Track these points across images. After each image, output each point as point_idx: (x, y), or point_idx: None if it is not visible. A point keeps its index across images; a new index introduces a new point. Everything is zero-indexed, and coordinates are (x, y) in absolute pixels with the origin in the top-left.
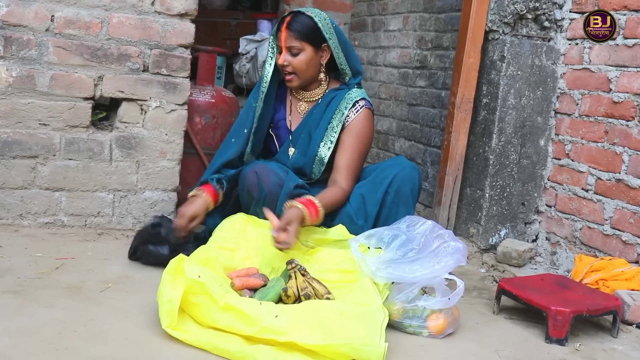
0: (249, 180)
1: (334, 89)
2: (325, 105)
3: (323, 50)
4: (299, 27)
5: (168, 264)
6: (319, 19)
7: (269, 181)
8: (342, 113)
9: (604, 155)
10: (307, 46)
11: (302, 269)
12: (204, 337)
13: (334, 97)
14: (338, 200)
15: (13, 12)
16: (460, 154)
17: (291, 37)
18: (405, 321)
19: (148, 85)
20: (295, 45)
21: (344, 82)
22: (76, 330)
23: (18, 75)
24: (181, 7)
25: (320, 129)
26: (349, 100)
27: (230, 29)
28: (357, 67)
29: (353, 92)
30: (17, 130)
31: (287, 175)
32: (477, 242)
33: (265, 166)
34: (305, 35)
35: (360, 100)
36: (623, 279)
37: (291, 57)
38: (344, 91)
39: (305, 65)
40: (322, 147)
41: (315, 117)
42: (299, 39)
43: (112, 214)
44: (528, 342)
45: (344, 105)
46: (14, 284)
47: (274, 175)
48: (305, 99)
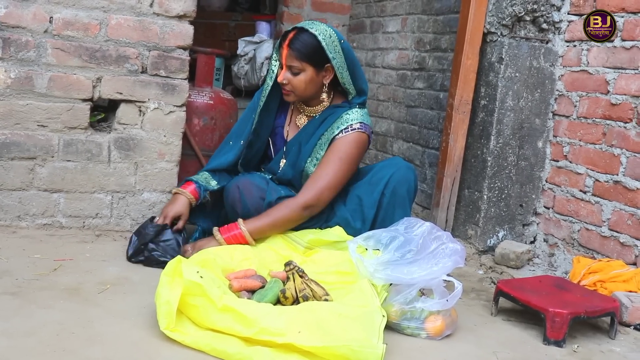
0: (232, 196)
1: (334, 105)
2: (320, 121)
3: (326, 70)
4: (300, 47)
5: (166, 266)
6: (324, 37)
7: (251, 196)
8: (333, 132)
9: (601, 157)
10: (308, 67)
11: (300, 270)
12: (202, 339)
13: (330, 115)
14: (287, 219)
15: (11, 14)
16: (459, 155)
17: (292, 57)
18: (403, 323)
19: (146, 86)
20: (295, 65)
21: (347, 99)
22: (74, 332)
23: (16, 76)
24: (180, 8)
25: (310, 144)
26: (344, 121)
27: (228, 30)
28: (362, 86)
29: (352, 113)
30: (15, 132)
31: (268, 187)
32: (475, 244)
33: (247, 180)
34: (307, 55)
35: (355, 124)
36: (621, 281)
37: (291, 76)
38: (342, 109)
39: (304, 85)
40: (309, 163)
41: (308, 131)
42: (300, 59)
43: (110, 215)
44: (526, 343)
45: (336, 125)
46: (12, 286)
47: (256, 189)
48: (306, 112)
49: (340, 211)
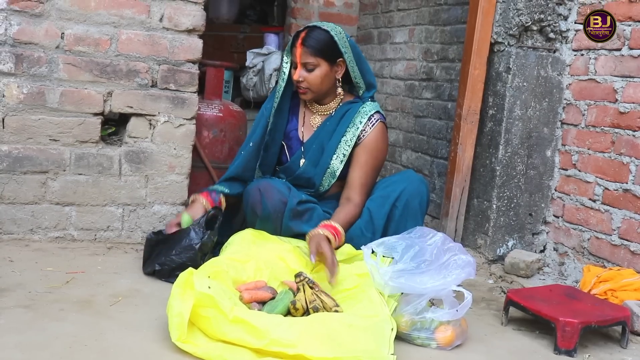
0: (253, 198)
1: (348, 102)
2: (339, 118)
3: (338, 65)
4: (314, 43)
5: (177, 278)
6: (335, 32)
7: (272, 199)
8: (357, 127)
9: (610, 166)
10: (323, 62)
11: (310, 281)
12: (214, 350)
13: (348, 110)
14: (353, 217)
15: (24, 30)
16: (467, 165)
17: (306, 53)
18: (413, 333)
19: (156, 100)
20: (310, 62)
21: (357, 95)
22: (87, 344)
23: (29, 92)
24: (189, 23)
25: (334, 141)
26: (364, 114)
27: (237, 42)
28: (371, 80)
29: (367, 105)
30: (27, 146)
31: (290, 192)
32: (485, 253)
33: (268, 183)
34: (321, 51)
35: (375, 113)
36: (632, 289)
37: (306, 73)
38: (358, 104)
39: (320, 80)
40: (335, 159)
41: (328, 129)
42: (314, 55)
43: (121, 227)
44: (537, 353)
45: (358, 119)
46: (25, 299)
47: (277, 193)
48: (319, 112)
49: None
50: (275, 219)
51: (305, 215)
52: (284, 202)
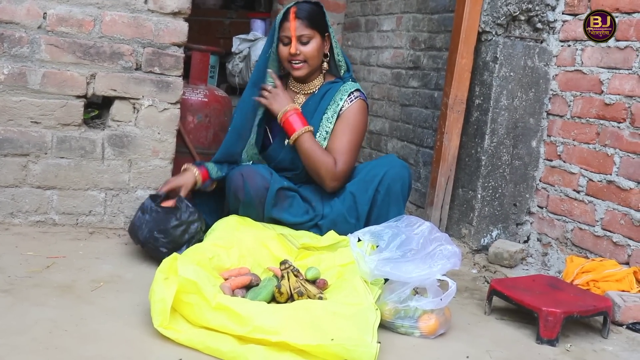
0: (235, 182)
1: (329, 81)
2: (321, 96)
3: (326, 39)
4: (307, 15)
5: (161, 263)
6: (322, 5)
7: (255, 184)
8: (337, 104)
9: (595, 157)
10: (316, 34)
11: (295, 270)
12: (196, 337)
13: (329, 89)
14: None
15: (5, 9)
16: (453, 154)
17: (302, 26)
18: (397, 321)
19: (141, 83)
20: (305, 34)
21: (338, 75)
22: (67, 330)
23: (10, 72)
24: (174, 5)
25: (315, 119)
26: (344, 91)
27: (223, 28)
28: (347, 61)
29: (348, 84)
30: (8, 128)
31: (272, 177)
32: (469, 243)
33: (251, 169)
34: (315, 22)
35: (355, 91)
36: (614, 280)
37: (302, 46)
38: (338, 84)
39: (316, 52)
40: (318, 137)
41: (310, 108)
42: (309, 26)
43: (103, 212)
44: (519, 342)
45: (339, 97)
46: (4, 283)
47: (260, 178)
48: (303, 91)
49: (337, 207)
50: (257, 204)
51: (285, 201)
52: (266, 188)
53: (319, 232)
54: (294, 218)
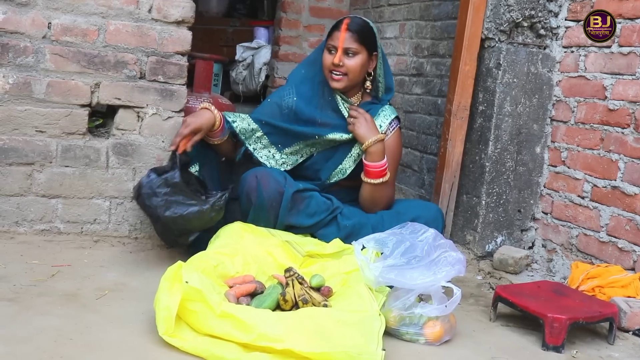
0: (249, 184)
1: (367, 101)
2: None
3: (373, 58)
4: (358, 29)
5: (166, 271)
6: (373, 26)
7: (269, 187)
8: (380, 127)
9: (599, 163)
10: (363, 50)
11: (299, 277)
12: (201, 345)
13: (368, 110)
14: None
15: (10, 20)
16: (457, 161)
17: (351, 39)
18: (402, 328)
19: (145, 92)
20: (353, 47)
21: (376, 96)
22: (72, 338)
23: (15, 82)
24: (178, 14)
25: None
26: (384, 117)
27: (226, 36)
28: (391, 83)
29: (387, 109)
30: (13, 137)
31: (286, 182)
32: (474, 249)
33: (265, 172)
34: (364, 39)
35: (395, 119)
36: (619, 286)
37: (346, 59)
38: (377, 106)
39: (359, 68)
40: (348, 158)
41: None
42: (358, 41)
43: (108, 221)
44: (525, 349)
45: (378, 122)
46: (9, 292)
47: (273, 182)
48: None
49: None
50: (269, 209)
51: (302, 203)
52: (281, 193)
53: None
54: (311, 219)
